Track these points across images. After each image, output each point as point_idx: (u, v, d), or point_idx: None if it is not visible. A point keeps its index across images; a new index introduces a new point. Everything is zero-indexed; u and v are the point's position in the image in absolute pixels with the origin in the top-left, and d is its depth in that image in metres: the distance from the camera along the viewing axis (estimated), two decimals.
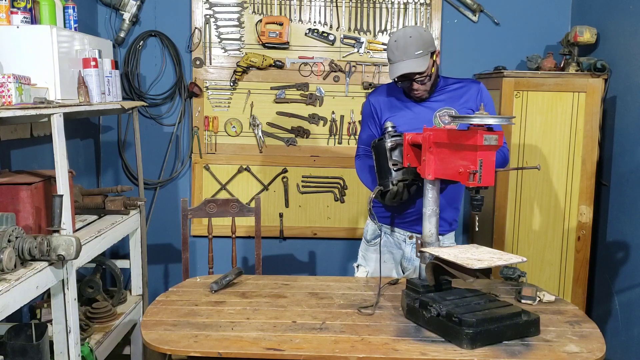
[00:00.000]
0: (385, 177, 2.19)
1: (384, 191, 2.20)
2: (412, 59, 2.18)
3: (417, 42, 2.19)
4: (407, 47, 2.18)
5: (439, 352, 1.71)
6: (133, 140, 3.32)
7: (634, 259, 2.86)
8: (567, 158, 3.15)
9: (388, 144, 2.17)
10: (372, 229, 2.51)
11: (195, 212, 2.86)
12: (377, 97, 2.43)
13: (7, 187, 2.16)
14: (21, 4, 2.41)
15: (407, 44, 2.19)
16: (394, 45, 2.22)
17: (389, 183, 2.17)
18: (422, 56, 2.19)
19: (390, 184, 2.17)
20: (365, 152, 2.48)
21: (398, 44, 2.20)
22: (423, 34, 2.23)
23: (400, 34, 2.23)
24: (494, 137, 1.76)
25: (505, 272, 2.34)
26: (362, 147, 2.50)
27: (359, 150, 2.52)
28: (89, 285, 2.91)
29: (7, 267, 1.82)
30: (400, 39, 2.21)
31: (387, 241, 2.47)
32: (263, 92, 3.63)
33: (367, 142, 2.45)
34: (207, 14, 3.58)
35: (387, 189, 2.18)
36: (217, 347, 1.74)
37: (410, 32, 2.22)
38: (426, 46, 2.21)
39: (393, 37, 2.25)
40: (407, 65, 2.19)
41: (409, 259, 2.45)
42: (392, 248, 2.48)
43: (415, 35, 2.20)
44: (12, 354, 2.16)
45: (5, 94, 2.03)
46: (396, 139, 2.17)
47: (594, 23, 3.24)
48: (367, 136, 2.45)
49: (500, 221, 3.19)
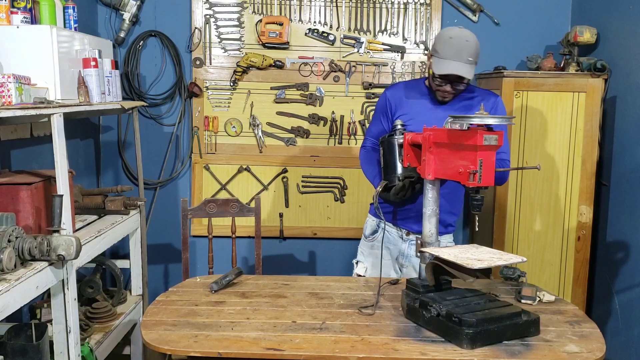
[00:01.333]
0: (392, 173, 2.21)
1: (389, 186, 2.21)
2: (464, 64, 2.17)
3: (472, 49, 2.18)
4: (462, 49, 2.17)
5: (439, 352, 1.71)
6: (133, 140, 3.32)
7: (634, 259, 2.86)
8: (567, 158, 3.15)
9: (398, 140, 2.19)
10: (370, 225, 2.54)
11: (195, 212, 2.86)
12: (394, 93, 2.43)
13: (7, 187, 2.17)
14: (21, 4, 2.41)
15: (463, 46, 2.17)
16: (449, 41, 2.19)
17: (395, 178, 2.19)
18: (472, 64, 2.19)
19: (397, 179, 2.18)
20: (372, 145, 2.50)
21: (454, 42, 2.18)
22: (477, 42, 2.22)
23: (457, 33, 2.21)
24: (494, 137, 1.76)
25: (505, 272, 2.34)
26: (370, 139, 2.51)
27: (366, 142, 2.54)
28: (89, 285, 2.91)
29: (7, 267, 1.82)
30: (457, 39, 2.18)
31: (385, 237, 2.49)
32: (263, 92, 3.63)
33: (375, 135, 2.48)
34: (207, 14, 3.58)
35: (393, 184, 2.20)
36: (217, 347, 1.74)
37: (467, 35, 2.20)
38: (476, 55, 2.21)
39: (448, 33, 2.22)
40: (458, 67, 2.17)
41: (406, 255, 2.47)
42: (389, 244, 2.49)
43: (471, 41, 2.19)
44: (12, 354, 2.16)
45: (5, 94, 2.03)
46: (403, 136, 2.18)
47: (594, 23, 3.24)
48: (377, 130, 2.46)
49: (500, 221, 3.19)
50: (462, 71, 2.17)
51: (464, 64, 2.17)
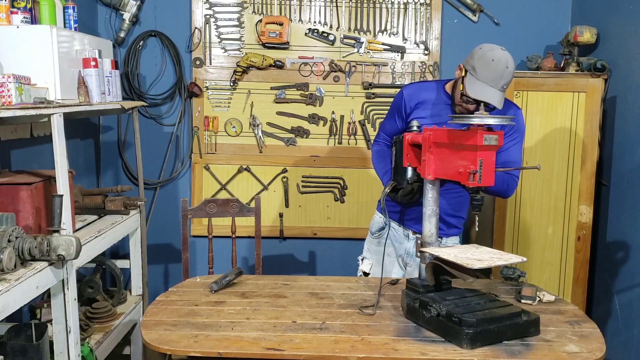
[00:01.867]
0: (401, 175, 2.19)
1: (398, 187, 2.21)
2: (498, 91, 2.07)
3: (509, 77, 2.08)
4: (501, 76, 2.06)
5: (439, 352, 1.71)
6: (133, 140, 3.32)
7: (634, 259, 2.86)
8: (567, 158, 3.15)
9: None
10: (377, 222, 2.54)
11: (195, 212, 2.86)
12: (411, 93, 2.38)
13: (7, 187, 2.17)
14: (21, 4, 2.41)
15: (503, 73, 2.06)
16: (490, 64, 2.07)
17: (404, 181, 2.18)
18: (504, 91, 2.10)
19: (405, 183, 2.17)
20: (384, 141, 2.50)
21: (495, 66, 2.06)
22: (513, 70, 2.10)
23: (500, 56, 2.08)
24: (494, 137, 1.76)
25: (505, 272, 2.34)
26: (383, 135, 2.51)
27: (378, 137, 2.53)
28: (89, 285, 2.91)
29: (7, 267, 1.82)
30: (499, 63, 2.06)
31: (391, 235, 2.49)
32: (263, 92, 3.63)
33: (388, 132, 2.47)
34: (207, 14, 3.58)
35: (401, 186, 2.19)
36: (217, 347, 1.74)
37: (508, 61, 2.08)
38: (509, 83, 2.11)
39: (491, 54, 2.09)
40: (494, 95, 2.06)
41: (411, 255, 2.46)
42: (394, 242, 2.50)
43: (510, 69, 2.08)
44: (12, 354, 2.16)
45: (5, 94, 2.03)
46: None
47: (594, 23, 3.24)
48: (391, 127, 2.45)
49: (500, 221, 3.19)
50: (495, 100, 2.07)
51: (498, 91, 2.07)
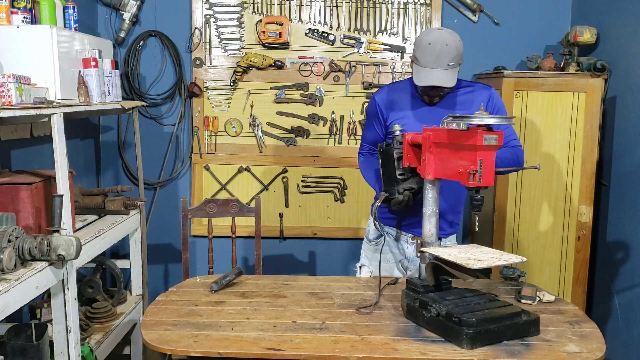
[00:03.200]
0: (391, 185, 2.15)
1: (389, 198, 2.17)
2: (443, 70, 2.08)
3: (452, 53, 2.08)
4: (441, 55, 2.07)
5: (439, 352, 1.71)
6: (133, 140, 3.32)
7: (634, 259, 2.86)
8: (567, 158, 3.15)
9: (396, 152, 2.12)
10: (374, 229, 2.51)
11: (195, 212, 2.86)
12: (383, 97, 2.37)
13: (7, 187, 2.17)
14: (21, 4, 2.41)
15: (442, 52, 2.07)
16: (427, 48, 2.09)
17: (394, 191, 2.14)
18: (453, 68, 2.10)
19: (397, 192, 2.14)
20: (369, 151, 2.47)
21: (433, 48, 2.08)
22: (458, 44, 2.11)
23: (436, 37, 2.10)
24: (494, 137, 1.76)
25: (505, 272, 2.34)
26: (366, 145, 2.48)
27: (362, 148, 2.50)
28: (89, 285, 2.91)
29: (7, 267, 1.82)
30: (436, 43, 2.08)
31: (390, 241, 2.47)
32: (263, 92, 3.63)
33: (371, 141, 2.44)
34: (207, 14, 3.58)
35: (393, 197, 2.15)
36: (217, 347, 1.74)
37: (447, 38, 2.09)
38: (459, 57, 2.11)
39: (427, 38, 2.11)
40: (439, 76, 2.09)
41: (411, 259, 2.44)
42: (393, 248, 2.48)
43: (451, 44, 2.08)
44: (12, 354, 2.16)
45: (5, 94, 2.03)
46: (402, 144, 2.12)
47: (594, 23, 3.24)
48: (372, 135, 2.43)
49: (500, 221, 3.19)
50: (442, 80, 2.09)
51: (444, 70, 2.08)
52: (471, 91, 2.30)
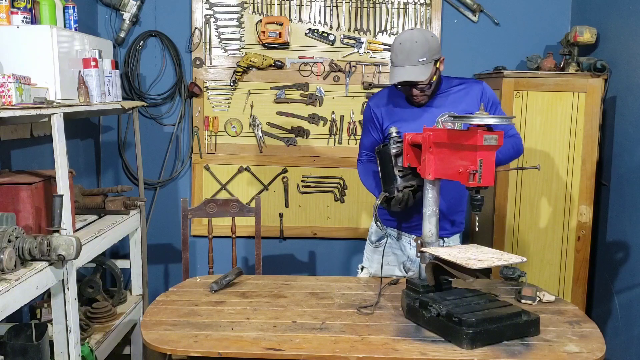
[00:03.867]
0: (391, 184, 2.15)
1: (389, 197, 2.16)
2: (414, 66, 2.11)
3: (423, 49, 2.11)
4: (411, 52, 2.11)
5: (439, 352, 1.71)
6: (133, 140, 3.33)
7: (634, 259, 2.86)
8: (567, 158, 3.15)
9: (392, 150, 2.12)
10: (376, 231, 2.50)
11: (195, 212, 2.86)
12: (378, 102, 2.39)
13: (7, 187, 2.17)
14: (21, 4, 2.41)
15: (412, 49, 2.11)
16: (398, 47, 2.14)
17: (394, 189, 2.14)
18: (425, 64, 2.13)
19: (396, 190, 2.13)
20: (367, 157, 2.47)
21: (403, 47, 2.13)
22: (430, 39, 2.15)
23: (406, 36, 2.15)
24: (494, 137, 1.76)
25: (505, 272, 2.34)
26: (364, 152, 2.47)
27: (361, 155, 2.50)
28: (89, 285, 2.91)
29: (7, 267, 1.82)
30: (405, 42, 2.13)
31: (392, 242, 2.46)
32: (263, 92, 3.63)
33: (368, 147, 2.44)
34: (207, 14, 3.58)
35: (393, 195, 2.14)
36: (217, 347, 1.74)
37: (417, 36, 2.14)
38: (431, 53, 2.13)
39: (398, 39, 2.16)
40: (408, 72, 2.12)
41: (413, 260, 2.44)
42: (396, 250, 2.47)
43: (421, 41, 2.12)
44: (12, 354, 2.16)
45: (5, 94, 2.03)
46: (400, 145, 2.13)
47: (594, 23, 3.24)
48: (369, 141, 2.42)
49: (500, 221, 3.19)
50: (412, 75, 2.12)
51: (415, 67, 2.11)
52: (463, 88, 2.31)
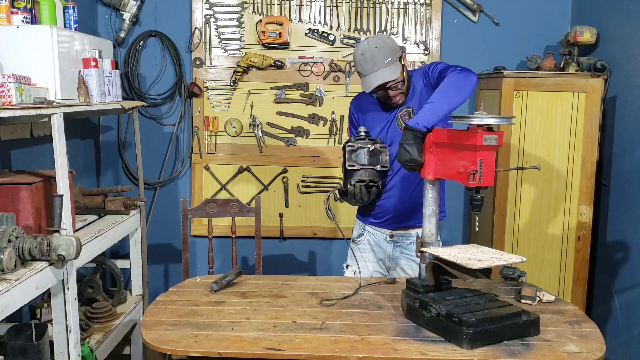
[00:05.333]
0: (345, 178, 2.27)
1: (344, 191, 2.28)
2: (382, 69, 2.19)
3: (384, 51, 2.19)
4: (375, 58, 2.19)
5: (439, 352, 1.71)
6: (133, 140, 3.32)
7: (634, 259, 2.86)
8: (567, 158, 3.15)
9: (349, 146, 2.24)
10: (357, 228, 2.59)
11: (195, 212, 2.86)
12: (356, 103, 2.50)
13: (7, 187, 2.17)
14: (21, 4, 2.41)
15: (375, 55, 2.19)
16: (361, 58, 2.22)
17: (347, 183, 2.26)
18: (392, 63, 2.20)
19: (348, 184, 2.25)
20: None
21: (365, 56, 2.20)
22: (387, 41, 2.23)
23: (364, 46, 2.22)
24: (494, 137, 1.76)
25: (505, 272, 2.34)
26: None
27: None
28: (89, 285, 2.91)
29: (7, 267, 1.82)
30: (366, 52, 2.20)
31: (370, 239, 2.53)
32: (263, 92, 3.63)
33: None
34: (207, 14, 3.58)
35: (346, 189, 2.26)
36: (217, 347, 1.74)
37: (374, 42, 2.22)
38: (393, 52, 2.21)
39: (358, 50, 2.24)
40: (379, 76, 2.19)
41: (391, 257, 2.50)
42: (374, 246, 2.53)
43: (380, 45, 2.20)
44: (12, 354, 2.16)
45: (5, 94, 2.03)
46: (360, 141, 2.24)
47: (594, 23, 3.24)
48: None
49: (500, 221, 3.19)
50: (384, 77, 2.19)
51: (383, 69, 2.19)
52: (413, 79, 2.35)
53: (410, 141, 1.92)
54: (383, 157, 2.24)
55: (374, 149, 2.23)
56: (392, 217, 2.43)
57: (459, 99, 2.00)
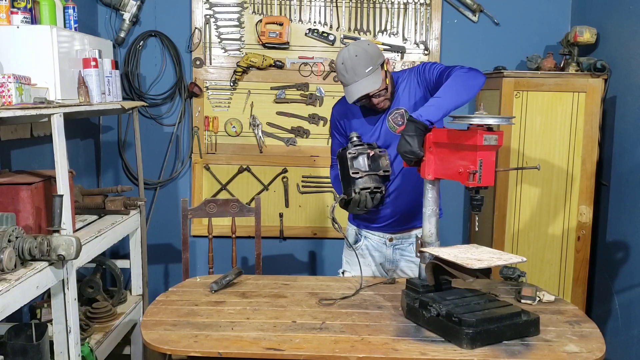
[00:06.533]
0: (348, 186, 2.19)
1: (348, 199, 2.20)
2: (364, 79, 2.14)
3: (365, 60, 2.14)
4: (355, 67, 2.13)
5: (439, 352, 1.71)
6: (133, 140, 3.33)
7: (634, 259, 2.86)
8: (567, 158, 3.15)
9: (350, 152, 2.17)
10: (352, 233, 2.53)
11: (195, 212, 2.86)
12: (339, 109, 2.42)
13: (7, 187, 2.17)
14: (21, 4, 2.41)
15: (355, 64, 2.13)
16: (341, 67, 2.16)
17: (351, 191, 2.17)
18: (373, 72, 2.15)
19: (353, 192, 2.17)
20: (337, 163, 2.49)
21: (346, 66, 2.15)
22: (367, 48, 2.17)
23: (345, 54, 2.17)
24: (494, 137, 1.76)
25: (505, 272, 2.34)
26: (334, 158, 2.49)
27: (332, 161, 2.51)
28: (89, 285, 2.91)
29: (7, 267, 1.82)
30: (347, 60, 2.15)
31: (368, 244, 2.49)
32: (263, 92, 3.63)
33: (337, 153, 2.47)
34: (207, 14, 3.58)
35: (350, 197, 2.18)
36: (217, 347, 1.74)
37: (354, 50, 2.16)
38: (374, 61, 2.16)
39: (339, 59, 2.18)
40: (361, 87, 2.14)
41: (390, 260, 2.47)
42: (372, 251, 2.49)
43: (360, 53, 2.14)
44: (12, 354, 2.16)
45: (5, 94, 2.03)
46: (358, 147, 2.18)
47: (594, 23, 3.24)
48: (337, 147, 2.44)
49: (500, 221, 3.19)
50: (366, 87, 2.14)
51: (364, 79, 2.14)
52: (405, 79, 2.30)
53: (412, 133, 1.88)
54: (383, 161, 2.19)
55: (374, 154, 2.18)
56: (393, 221, 2.39)
57: (465, 97, 1.96)
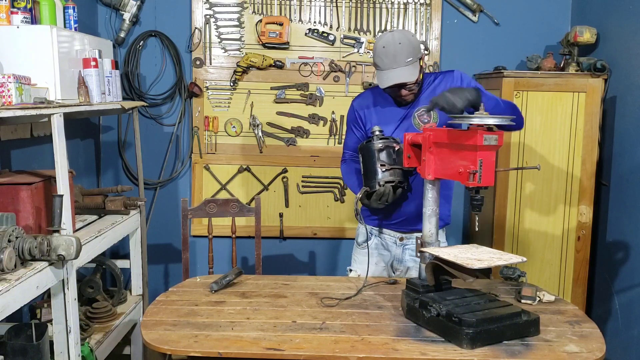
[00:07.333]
0: (372, 179, 2.17)
1: (370, 192, 2.18)
2: (402, 67, 2.13)
3: (407, 49, 2.13)
4: (396, 54, 2.12)
5: (439, 352, 1.71)
6: (133, 140, 3.32)
7: (634, 259, 2.86)
8: (567, 158, 3.15)
9: (376, 145, 2.16)
10: (362, 232, 2.52)
11: (195, 212, 2.86)
12: (361, 103, 2.41)
13: (7, 187, 2.17)
14: (21, 4, 2.41)
15: (397, 51, 2.12)
16: (382, 51, 2.15)
17: (375, 184, 2.16)
18: (412, 63, 2.14)
19: (377, 185, 2.15)
20: (351, 157, 2.48)
21: (387, 50, 2.14)
22: (412, 39, 2.17)
23: (388, 39, 2.15)
24: (494, 137, 1.76)
25: (505, 272, 2.34)
26: (348, 152, 2.50)
27: (344, 155, 2.52)
28: (89, 285, 2.91)
29: (7, 267, 1.82)
30: (389, 46, 2.14)
31: (377, 243, 2.48)
32: (263, 92, 3.63)
33: (352, 148, 2.45)
34: (207, 14, 3.58)
35: (374, 190, 2.16)
36: (217, 347, 1.74)
37: (399, 38, 2.15)
38: (415, 52, 2.15)
39: (380, 42, 2.16)
40: (398, 74, 2.13)
41: (399, 260, 2.46)
42: (382, 250, 2.49)
43: (404, 42, 2.14)
44: (12, 354, 2.16)
45: (5, 94, 2.03)
46: (384, 140, 2.16)
47: (594, 23, 3.24)
48: (352, 141, 2.44)
49: (500, 221, 3.19)
50: (403, 77, 2.13)
51: (403, 68, 2.13)
52: (441, 80, 2.31)
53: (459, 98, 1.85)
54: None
55: (399, 148, 2.14)
56: (405, 220, 2.36)
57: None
